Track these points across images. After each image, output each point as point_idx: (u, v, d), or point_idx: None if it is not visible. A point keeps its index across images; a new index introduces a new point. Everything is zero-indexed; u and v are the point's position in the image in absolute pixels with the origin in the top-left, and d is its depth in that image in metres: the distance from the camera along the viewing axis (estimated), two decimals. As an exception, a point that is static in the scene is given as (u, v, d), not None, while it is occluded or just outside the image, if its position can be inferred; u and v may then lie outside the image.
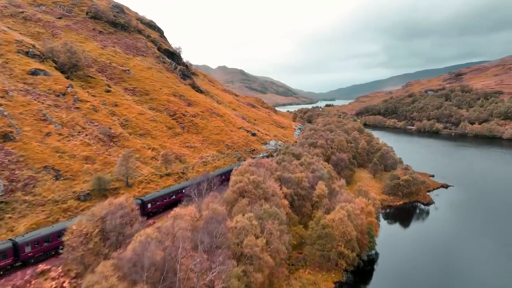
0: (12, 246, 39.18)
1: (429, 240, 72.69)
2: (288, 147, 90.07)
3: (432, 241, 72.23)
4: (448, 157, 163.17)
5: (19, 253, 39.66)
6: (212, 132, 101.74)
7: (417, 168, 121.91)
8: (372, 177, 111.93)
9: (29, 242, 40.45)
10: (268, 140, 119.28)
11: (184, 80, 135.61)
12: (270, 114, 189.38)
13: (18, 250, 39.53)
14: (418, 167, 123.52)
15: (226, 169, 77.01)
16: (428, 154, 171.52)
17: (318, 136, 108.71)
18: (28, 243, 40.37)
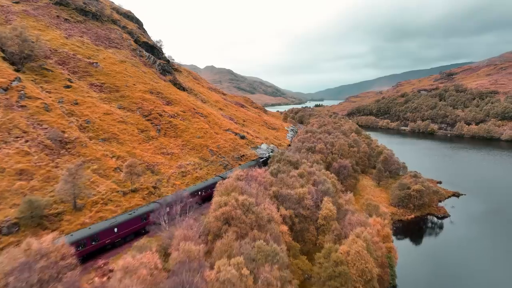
0: None
1: (449, 264, 60.62)
2: (283, 153, 76.47)
3: (454, 265, 60.28)
4: (450, 160, 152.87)
5: None
6: (194, 135, 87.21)
7: (421, 173, 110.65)
8: (376, 185, 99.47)
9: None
10: (259, 144, 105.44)
11: (164, 76, 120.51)
12: (260, 114, 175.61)
13: None
14: (421, 172, 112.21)
15: (208, 183, 63.00)
16: (427, 157, 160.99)
17: (316, 139, 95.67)
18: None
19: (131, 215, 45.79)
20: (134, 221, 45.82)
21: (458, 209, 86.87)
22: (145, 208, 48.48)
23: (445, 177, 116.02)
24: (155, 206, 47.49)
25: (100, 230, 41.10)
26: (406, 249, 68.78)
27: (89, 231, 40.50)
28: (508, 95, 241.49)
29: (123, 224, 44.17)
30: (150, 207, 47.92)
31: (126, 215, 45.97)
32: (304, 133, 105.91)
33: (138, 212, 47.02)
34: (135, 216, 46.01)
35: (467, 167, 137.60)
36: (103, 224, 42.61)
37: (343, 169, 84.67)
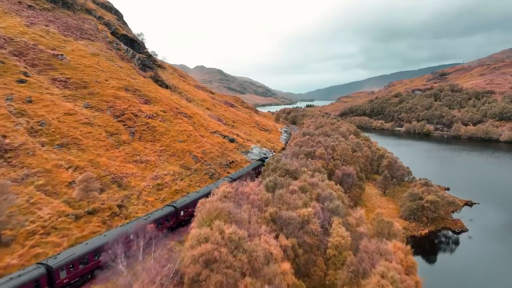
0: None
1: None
2: (279, 160, 65.15)
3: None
4: (452, 164, 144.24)
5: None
6: (176, 139, 75.21)
7: (423, 177, 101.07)
8: (381, 193, 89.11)
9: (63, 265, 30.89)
10: (250, 148, 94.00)
11: (144, 71, 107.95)
12: (251, 114, 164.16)
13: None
14: (423, 176, 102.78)
15: (183, 202, 50.58)
16: (428, 160, 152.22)
17: (315, 142, 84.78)
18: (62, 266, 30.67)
19: (74, 255, 33.14)
20: (81, 261, 33.50)
21: (476, 221, 77.08)
22: (100, 240, 36.02)
23: (451, 183, 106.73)
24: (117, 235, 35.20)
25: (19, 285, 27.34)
26: (421, 271, 58.30)
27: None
28: (505, 95, 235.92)
29: (67, 267, 31.87)
30: (106, 239, 35.39)
31: (69, 251, 33.63)
32: (301, 136, 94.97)
33: (88, 247, 34.64)
34: (82, 254, 33.65)
35: (472, 171, 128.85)
36: (27, 273, 29.06)
37: (347, 178, 73.89)
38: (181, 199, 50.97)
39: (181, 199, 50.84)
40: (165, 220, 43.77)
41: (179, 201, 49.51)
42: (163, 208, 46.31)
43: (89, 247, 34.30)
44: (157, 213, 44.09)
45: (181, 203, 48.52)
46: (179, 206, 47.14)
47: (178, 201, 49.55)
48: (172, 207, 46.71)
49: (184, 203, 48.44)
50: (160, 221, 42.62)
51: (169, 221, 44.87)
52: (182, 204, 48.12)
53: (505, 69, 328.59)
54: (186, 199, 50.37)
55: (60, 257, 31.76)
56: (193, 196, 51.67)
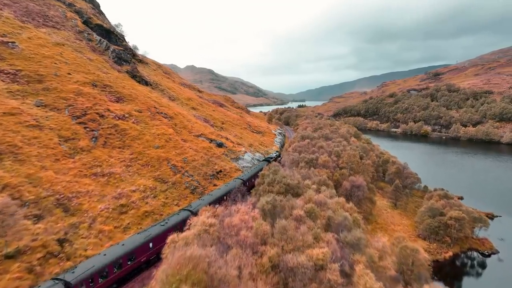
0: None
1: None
2: (277, 170, 52.85)
3: None
4: (459, 168, 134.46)
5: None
6: (151, 144, 62.17)
7: (431, 185, 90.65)
8: (391, 206, 77.71)
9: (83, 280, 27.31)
10: (241, 153, 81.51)
11: (120, 65, 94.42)
12: (243, 115, 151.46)
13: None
14: (431, 184, 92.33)
15: (199, 205, 45.12)
16: (432, 164, 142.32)
17: (317, 148, 72.83)
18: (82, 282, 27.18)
19: (93, 268, 29.44)
20: (101, 274, 30.04)
21: (507, 240, 66.22)
22: (118, 250, 32.82)
23: (463, 191, 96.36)
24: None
25: None
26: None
27: None
28: (504, 95, 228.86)
29: (86, 282, 28.28)
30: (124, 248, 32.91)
31: (88, 263, 29.71)
32: (299, 140, 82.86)
33: (107, 258, 31.12)
34: (102, 267, 30.14)
35: (482, 177, 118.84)
36: None
37: (357, 190, 62.13)
38: (196, 202, 46.87)
39: (197, 202, 46.77)
40: (182, 226, 39.12)
41: (194, 204, 45.58)
42: (179, 213, 42.61)
43: (108, 258, 30.82)
44: (174, 219, 40.59)
45: (197, 206, 44.28)
46: (195, 210, 42.76)
47: (193, 205, 45.58)
48: (188, 212, 42.71)
49: (200, 207, 43.38)
50: (178, 227, 38.74)
51: (186, 226, 38.68)
52: (198, 208, 43.27)
53: (500, 69, 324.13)
54: (201, 202, 46.03)
55: (78, 271, 28.36)
56: (208, 199, 47.80)
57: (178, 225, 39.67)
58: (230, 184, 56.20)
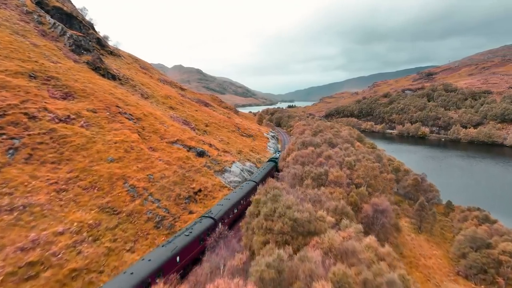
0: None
1: None
2: (277, 196, 36.96)
3: None
4: (470, 175, 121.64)
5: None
6: (103, 157, 45.19)
7: (445, 196, 76.93)
8: (415, 229, 62.68)
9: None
10: (228, 164, 65.12)
11: (79, 54, 76.82)
12: (231, 115, 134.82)
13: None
14: (444, 193, 78.68)
15: (220, 210, 41.55)
16: (438, 169, 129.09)
17: (324, 157, 57.24)
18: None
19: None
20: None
21: None
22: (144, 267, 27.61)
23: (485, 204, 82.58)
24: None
25: None
26: None
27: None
28: (504, 95, 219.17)
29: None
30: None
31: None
32: (300, 147, 66.95)
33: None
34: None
35: (500, 185, 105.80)
36: None
37: (381, 216, 46.72)
38: (216, 208, 42.49)
39: (216, 208, 42.47)
40: (205, 236, 35.98)
41: (214, 211, 41.28)
42: (202, 221, 37.90)
43: (135, 278, 25.69)
44: (197, 228, 35.96)
45: (218, 212, 40.90)
46: (217, 217, 39.74)
47: (214, 211, 41.27)
48: (210, 219, 38.73)
49: (221, 212, 41.10)
50: (202, 238, 35.27)
51: (209, 236, 36.52)
52: (220, 213, 40.67)
53: (495, 69, 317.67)
54: (221, 208, 42.19)
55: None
56: (226, 204, 43.78)
57: (202, 235, 35.94)
58: (244, 187, 52.07)
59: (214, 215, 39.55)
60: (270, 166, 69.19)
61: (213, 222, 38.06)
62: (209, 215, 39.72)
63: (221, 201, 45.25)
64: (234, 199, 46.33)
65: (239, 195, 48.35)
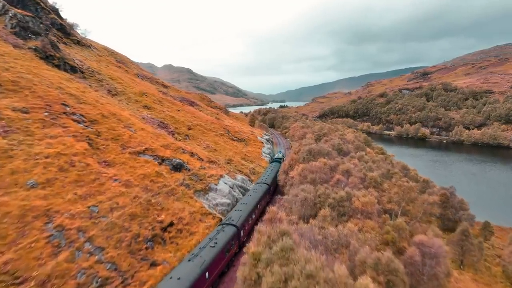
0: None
1: None
2: (287, 248, 22.70)
3: None
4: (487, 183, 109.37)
5: None
6: (21, 180, 29.59)
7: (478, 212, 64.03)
8: (454, 261, 48.81)
9: None
10: (214, 180, 50.04)
11: (24, 39, 60.78)
12: (219, 116, 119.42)
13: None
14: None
15: (239, 216, 38.65)
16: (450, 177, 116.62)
17: (341, 172, 42.74)
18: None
19: None
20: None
21: None
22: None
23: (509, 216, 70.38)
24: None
25: None
26: None
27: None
28: (508, 95, 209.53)
29: None
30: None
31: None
32: (307, 156, 52.27)
33: None
34: None
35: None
36: None
37: (432, 263, 32.55)
38: (235, 213, 38.65)
39: (236, 214, 38.63)
40: (230, 246, 33.35)
41: (234, 216, 37.47)
42: (224, 229, 33.95)
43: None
44: (222, 237, 32.09)
45: (239, 218, 37.20)
46: (239, 224, 36.18)
47: (234, 216, 37.42)
48: (233, 227, 35.08)
49: (242, 219, 37.58)
50: (227, 248, 32.53)
51: (233, 246, 34.24)
52: (241, 220, 37.18)
53: (492, 68, 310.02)
54: (241, 214, 38.50)
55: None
56: (245, 209, 40.24)
57: (228, 245, 32.48)
58: (257, 189, 49.31)
59: (236, 222, 36.62)
60: (277, 168, 66.49)
61: (236, 230, 35.32)
62: (230, 222, 36.80)
63: (238, 206, 42.46)
64: (251, 203, 43.42)
65: (255, 198, 45.34)
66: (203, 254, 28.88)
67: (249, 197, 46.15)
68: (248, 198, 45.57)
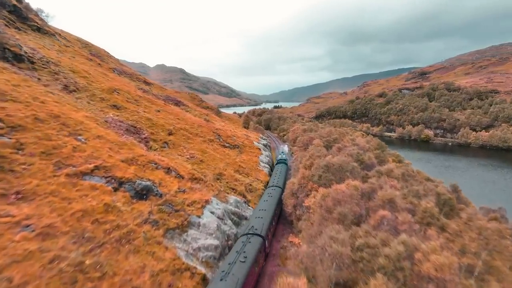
0: None
1: None
2: None
3: None
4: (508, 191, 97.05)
5: None
6: None
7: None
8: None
9: None
10: (195, 209, 35.58)
11: None
12: (210, 118, 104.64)
13: None
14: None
15: (262, 224, 36.55)
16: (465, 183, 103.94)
17: (381, 200, 28.98)
18: None
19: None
20: None
21: None
22: None
23: None
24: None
25: None
26: None
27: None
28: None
29: None
30: None
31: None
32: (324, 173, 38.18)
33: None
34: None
35: None
36: None
37: None
38: (256, 221, 35.54)
39: (257, 221, 35.51)
40: (259, 258, 30.65)
41: (256, 225, 34.28)
42: (251, 240, 30.70)
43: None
44: (250, 249, 29.09)
45: (262, 226, 34.23)
46: (264, 233, 33.28)
47: (256, 225, 34.18)
48: (259, 237, 32.03)
49: (265, 227, 34.73)
50: (257, 261, 29.64)
51: (261, 258, 31.81)
52: (265, 228, 34.29)
53: (493, 68, 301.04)
54: (263, 221, 35.66)
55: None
56: (266, 215, 37.44)
57: (257, 259, 29.63)
58: (273, 194, 46.02)
59: (261, 232, 33.34)
60: (285, 170, 65.18)
61: (262, 241, 32.05)
62: (255, 231, 33.22)
63: (257, 212, 39.79)
64: (270, 208, 40.69)
65: (272, 204, 42.46)
66: (234, 271, 25.75)
67: (266, 202, 43.07)
68: (266, 204, 42.37)
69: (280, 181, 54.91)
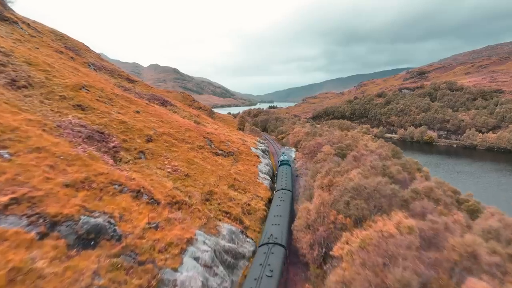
0: None
1: None
2: None
3: None
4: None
5: None
6: None
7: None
8: None
9: None
10: (171, 259, 24.51)
11: None
12: (200, 120, 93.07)
13: None
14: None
15: (281, 233, 33.52)
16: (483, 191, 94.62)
17: (458, 254, 18.93)
18: None
19: None
20: None
21: None
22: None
23: None
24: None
25: None
26: None
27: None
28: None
29: None
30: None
31: None
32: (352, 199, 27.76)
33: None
34: None
35: None
36: None
37: None
38: (275, 229, 31.91)
39: (275, 229, 31.88)
40: (283, 270, 27.65)
41: (275, 233, 30.88)
42: (273, 250, 27.58)
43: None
44: (273, 262, 26.06)
45: (281, 235, 30.91)
46: (285, 242, 30.39)
47: (275, 233, 30.81)
48: (281, 247, 28.93)
49: (285, 235, 31.48)
50: (282, 274, 26.73)
51: (285, 270, 28.57)
52: (284, 236, 31.10)
53: (493, 67, 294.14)
54: (281, 229, 32.01)
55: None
56: (282, 222, 34.44)
57: (282, 271, 26.87)
58: (284, 197, 43.81)
59: (281, 241, 30.03)
60: (290, 171, 61.58)
61: (284, 251, 28.84)
62: (275, 240, 29.81)
63: (272, 219, 36.29)
64: (285, 214, 37.64)
65: (286, 209, 39.34)
66: (262, 286, 22.95)
67: (279, 207, 40.43)
68: (279, 209, 39.79)
69: (289, 184, 52.06)
